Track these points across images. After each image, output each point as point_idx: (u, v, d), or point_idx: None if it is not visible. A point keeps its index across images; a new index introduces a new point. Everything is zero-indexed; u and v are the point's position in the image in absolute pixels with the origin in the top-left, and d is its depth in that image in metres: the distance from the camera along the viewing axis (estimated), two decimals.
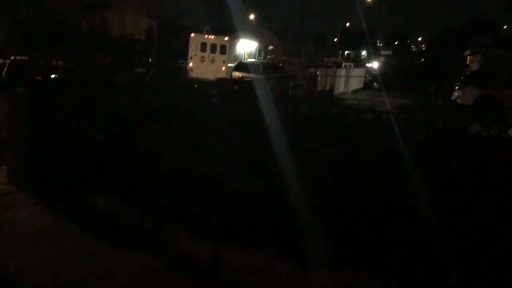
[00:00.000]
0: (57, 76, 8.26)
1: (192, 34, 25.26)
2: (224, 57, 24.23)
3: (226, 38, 24.55)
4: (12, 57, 14.49)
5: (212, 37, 24.80)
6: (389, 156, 5.20)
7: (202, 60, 24.54)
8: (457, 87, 19.53)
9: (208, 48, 24.42)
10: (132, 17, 47.50)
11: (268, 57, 39.01)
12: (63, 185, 6.53)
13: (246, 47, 26.42)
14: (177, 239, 5.44)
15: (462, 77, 21.36)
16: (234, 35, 25.61)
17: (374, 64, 47.19)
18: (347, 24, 78.08)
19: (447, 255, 4.86)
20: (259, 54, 28.25)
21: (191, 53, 24.84)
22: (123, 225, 5.80)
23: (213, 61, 24.30)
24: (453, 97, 19.31)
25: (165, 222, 5.75)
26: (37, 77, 6.97)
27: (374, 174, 5.30)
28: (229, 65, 23.61)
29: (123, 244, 5.21)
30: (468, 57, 32.30)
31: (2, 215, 5.77)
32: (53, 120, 6.75)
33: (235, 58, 24.52)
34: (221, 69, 23.80)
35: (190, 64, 24.71)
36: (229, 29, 28.68)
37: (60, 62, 9.11)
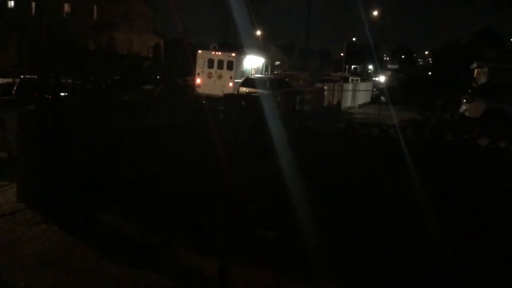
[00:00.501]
0: (66, 94, 8.34)
1: (199, 51, 25.43)
2: (231, 73, 24.30)
3: (233, 54, 24.70)
4: (21, 76, 14.65)
5: (219, 53, 25.00)
6: (396, 171, 5.18)
7: (210, 76, 24.66)
8: (464, 100, 19.46)
9: (215, 64, 24.50)
10: (140, 35, 48.00)
11: (275, 72, 39.13)
12: (71, 202, 6.56)
13: (253, 62, 26.44)
14: (184, 254, 5.43)
15: (469, 90, 21.29)
16: (241, 51, 25.84)
17: (381, 78, 47.19)
18: (353, 39, 78.34)
19: (454, 263, 4.82)
20: (266, 70, 28.39)
21: (198, 69, 24.92)
22: (130, 241, 5.80)
23: (220, 77, 24.41)
24: (461, 110, 19.24)
25: (171, 238, 5.75)
26: (46, 95, 7.03)
27: (382, 188, 5.28)
28: (236, 80, 23.72)
29: (130, 261, 5.21)
30: (475, 70, 32.25)
31: (11, 232, 5.79)
32: (61, 138, 6.80)
33: (242, 74, 24.56)
34: (228, 84, 23.91)
35: (198, 81, 24.75)
36: (235, 45, 28.83)
37: (69, 80, 9.20)
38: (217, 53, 25.04)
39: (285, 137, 5.67)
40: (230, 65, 24.35)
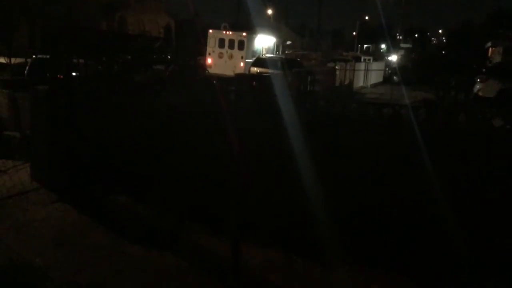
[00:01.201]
0: (78, 74, 8.36)
1: (210, 30, 25.30)
2: (242, 53, 24.17)
3: (244, 34, 24.49)
4: (33, 56, 14.70)
5: (230, 33, 24.83)
6: (409, 152, 5.14)
7: (221, 56, 24.54)
8: (478, 80, 19.20)
9: (226, 44, 24.39)
10: (151, 15, 47.81)
11: (286, 52, 38.85)
12: (85, 182, 6.61)
13: (264, 42, 26.22)
14: (198, 236, 5.47)
15: (484, 70, 20.99)
16: (252, 31, 25.57)
17: (394, 58, 46.65)
18: (366, 18, 77.30)
19: (464, 252, 4.80)
20: (277, 50, 28.09)
21: (209, 49, 24.78)
22: (144, 222, 5.85)
23: (231, 57, 24.29)
24: (475, 90, 19.00)
25: (185, 220, 5.79)
26: (58, 75, 7.05)
27: (394, 171, 5.25)
28: (247, 60, 23.59)
29: (144, 242, 5.25)
30: (490, 50, 31.74)
31: (26, 212, 5.87)
32: (74, 118, 6.83)
33: (253, 53, 24.42)
34: (239, 64, 23.80)
35: (209, 60, 24.64)
36: (246, 25, 28.61)
37: (81, 61, 9.22)
38: (228, 32, 24.87)
39: (296, 118, 5.64)
40: (241, 45, 24.22)
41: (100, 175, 6.67)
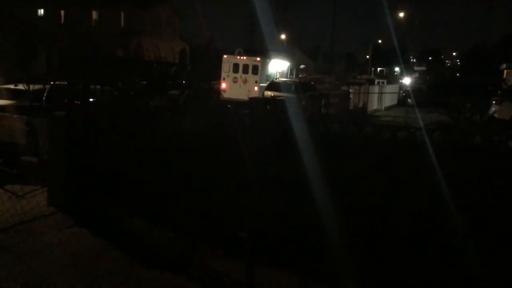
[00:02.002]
0: (95, 100, 8.50)
1: (225, 56, 25.56)
2: (257, 77, 24.44)
3: (258, 59, 24.81)
4: (51, 83, 14.96)
5: (244, 58, 25.15)
6: (425, 175, 5.11)
7: (235, 80, 24.83)
8: (494, 102, 19.07)
9: (241, 68, 24.72)
10: (166, 41, 48.58)
11: (300, 76, 39.14)
12: (101, 207, 6.66)
13: (278, 66, 26.56)
14: (212, 260, 5.46)
15: (499, 92, 20.86)
16: (265, 55, 25.88)
17: (408, 80, 46.59)
18: (379, 41, 77.63)
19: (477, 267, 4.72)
20: (291, 73, 28.58)
21: (223, 74, 25.06)
22: (158, 245, 5.86)
23: (245, 81, 24.56)
24: (490, 112, 18.85)
25: (199, 243, 5.79)
26: (76, 101, 7.17)
27: (409, 194, 5.21)
28: (261, 85, 23.78)
29: (158, 265, 5.26)
30: (505, 71, 31.59)
31: (43, 236, 5.92)
32: (91, 143, 6.93)
33: (267, 78, 24.66)
34: (254, 89, 23.98)
35: (223, 85, 24.91)
36: (260, 50, 28.91)
37: (98, 87, 9.36)
38: (242, 57, 25.18)
39: (311, 141, 5.65)
40: (256, 69, 24.49)
41: (117, 199, 6.72)
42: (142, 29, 45.26)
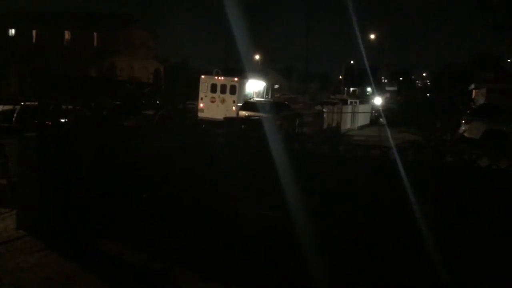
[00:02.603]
0: (66, 120, 8.38)
1: (202, 76, 25.78)
2: (234, 97, 24.67)
3: (236, 79, 25.04)
4: (22, 103, 14.73)
5: (222, 78, 25.36)
6: (397, 192, 5.17)
7: (213, 100, 25.00)
8: (463, 121, 19.50)
9: (218, 89, 24.92)
10: (140, 61, 48.41)
11: (275, 95, 39.48)
12: (72, 229, 6.52)
13: (254, 86, 26.83)
14: (187, 282, 5.37)
15: (468, 111, 21.36)
16: (243, 76, 26.12)
17: (380, 100, 47.37)
18: (351, 62, 78.96)
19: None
20: (267, 93, 28.76)
21: (201, 94, 25.28)
22: (132, 267, 5.74)
23: (223, 101, 24.77)
24: (460, 131, 19.25)
25: (174, 265, 5.70)
26: (47, 122, 7.06)
27: (382, 211, 5.26)
28: (239, 104, 23.95)
29: None
30: (474, 91, 32.44)
31: (12, 260, 5.75)
32: (62, 165, 6.80)
33: (244, 97, 24.79)
34: (232, 108, 24.17)
35: (201, 105, 25.13)
36: (235, 70, 29.26)
37: (70, 107, 9.25)
38: (220, 78, 25.42)
39: (285, 160, 5.67)
40: (233, 90, 24.77)
41: (89, 221, 6.59)
42: (116, 49, 45.02)
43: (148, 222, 6.26)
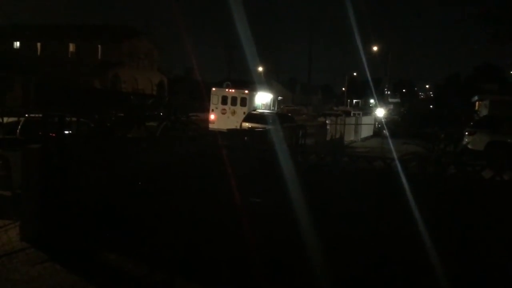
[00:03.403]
0: (70, 132, 8.40)
1: (213, 89, 26.58)
2: (245, 109, 25.29)
3: (246, 91, 25.90)
4: (26, 115, 14.78)
5: (233, 90, 26.16)
6: (400, 204, 5.16)
7: (223, 112, 25.76)
8: (467, 133, 19.47)
9: (229, 101, 25.81)
10: (144, 73, 48.71)
11: (280, 107, 39.74)
12: (75, 241, 6.52)
13: (263, 99, 27.57)
14: None
15: (472, 123, 21.33)
16: (252, 88, 26.89)
17: (383, 112, 47.41)
18: (354, 74, 79.17)
19: None
20: (274, 105, 29.53)
21: (212, 106, 26.03)
22: (134, 279, 5.73)
23: (234, 113, 25.40)
24: (464, 143, 19.21)
25: (176, 276, 5.68)
26: (51, 134, 7.08)
27: (386, 222, 5.24)
28: None
29: None
30: (477, 103, 32.42)
31: (15, 272, 5.74)
32: (66, 176, 6.82)
33: (254, 109, 25.40)
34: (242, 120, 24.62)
35: (212, 117, 25.84)
36: (245, 82, 30.14)
37: (74, 119, 9.28)
38: (230, 90, 26.16)
39: (288, 172, 5.67)
40: (243, 101, 25.58)
41: (93, 232, 6.59)
42: (119, 61, 45.33)
43: (149, 233, 6.25)
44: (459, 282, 4.84)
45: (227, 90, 26.19)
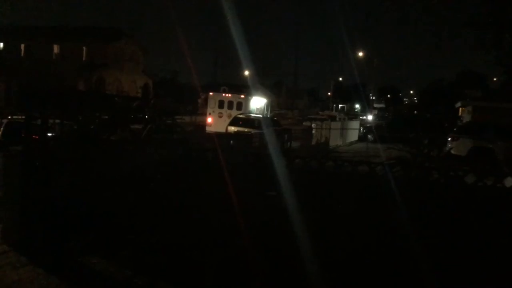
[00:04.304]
0: (53, 134, 8.31)
1: (211, 93, 28.31)
2: (240, 113, 26.18)
3: (242, 96, 27.70)
4: (9, 117, 14.60)
5: (229, 95, 27.86)
6: (384, 208, 5.18)
7: (220, 115, 27.05)
8: (450, 138, 19.68)
9: (226, 105, 27.25)
10: (129, 75, 48.41)
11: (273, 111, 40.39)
12: (57, 244, 6.43)
13: (257, 103, 28.90)
14: None
15: (455, 128, 21.57)
16: (248, 93, 28.90)
17: (368, 117, 47.76)
18: (340, 79, 79.64)
19: None
20: (267, 109, 30.84)
21: (209, 109, 27.60)
22: (115, 283, 5.66)
23: (230, 116, 26.06)
24: (447, 148, 19.41)
25: (158, 280, 5.64)
26: (34, 136, 6.99)
27: (369, 226, 5.26)
28: None
29: None
30: (460, 109, 32.83)
31: None
32: (48, 179, 6.73)
33: (249, 113, 26.48)
34: None
35: (209, 120, 27.30)
36: (239, 87, 32.14)
37: (57, 121, 9.18)
38: (227, 94, 27.92)
39: (273, 175, 5.67)
40: (239, 106, 27.16)
41: (75, 235, 6.52)
42: (104, 62, 44.99)
43: (133, 235, 6.20)
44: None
45: (224, 94, 27.74)
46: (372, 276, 5.18)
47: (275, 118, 26.98)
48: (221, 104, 27.36)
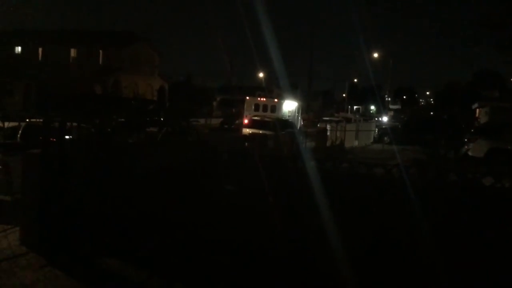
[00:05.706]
0: (71, 137, 8.41)
1: (247, 98, 31.10)
2: (274, 115, 28.40)
3: (276, 100, 30.79)
4: (27, 120, 14.81)
5: (264, 99, 31.32)
6: (400, 211, 5.15)
7: None
8: (467, 140, 19.48)
9: (261, 108, 29.71)
10: (144, 78, 48.74)
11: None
12: (75, 246, 6.51)
13: (289, 106, 31.25)
14: None
15: (472, 130, 21.35)
16: (281, 97, 31.80)
17: (384, 118, 47.49)
18: (355, 80, 79.21)
19: None
20: (298, 112, 32.63)
21: (246, 112, 29.85)
22: (132, 285, 5.72)
23: None
24: (464, 150, 19.22)
25: (174, 280, 5.68)
26: (52, 139, 7.09)
27: (386, 228, 5.24)
28: None
29: None
30: (477, 110, 32.48)
31: (15, 277, 5.73)
32: (66, 181, 6.82)
33: (283, 116, 29.14)
34: None
35: (245, 121, 28.90)
36: (254, 89, 34.08)
37: (75, 124, 9.30)
38: (262, 99, 31.24)
39: (288, 178, 5.68)
40: (273, 109, 29.55)
41: (93, 237, 6.59)
42: (120, 66, 45.37)
43: (150, 238, 6.25)
44: None
45: (259, 99, 31.04)
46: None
47: (290, 120, 27.18)
48: (256, 107, 29.65)
